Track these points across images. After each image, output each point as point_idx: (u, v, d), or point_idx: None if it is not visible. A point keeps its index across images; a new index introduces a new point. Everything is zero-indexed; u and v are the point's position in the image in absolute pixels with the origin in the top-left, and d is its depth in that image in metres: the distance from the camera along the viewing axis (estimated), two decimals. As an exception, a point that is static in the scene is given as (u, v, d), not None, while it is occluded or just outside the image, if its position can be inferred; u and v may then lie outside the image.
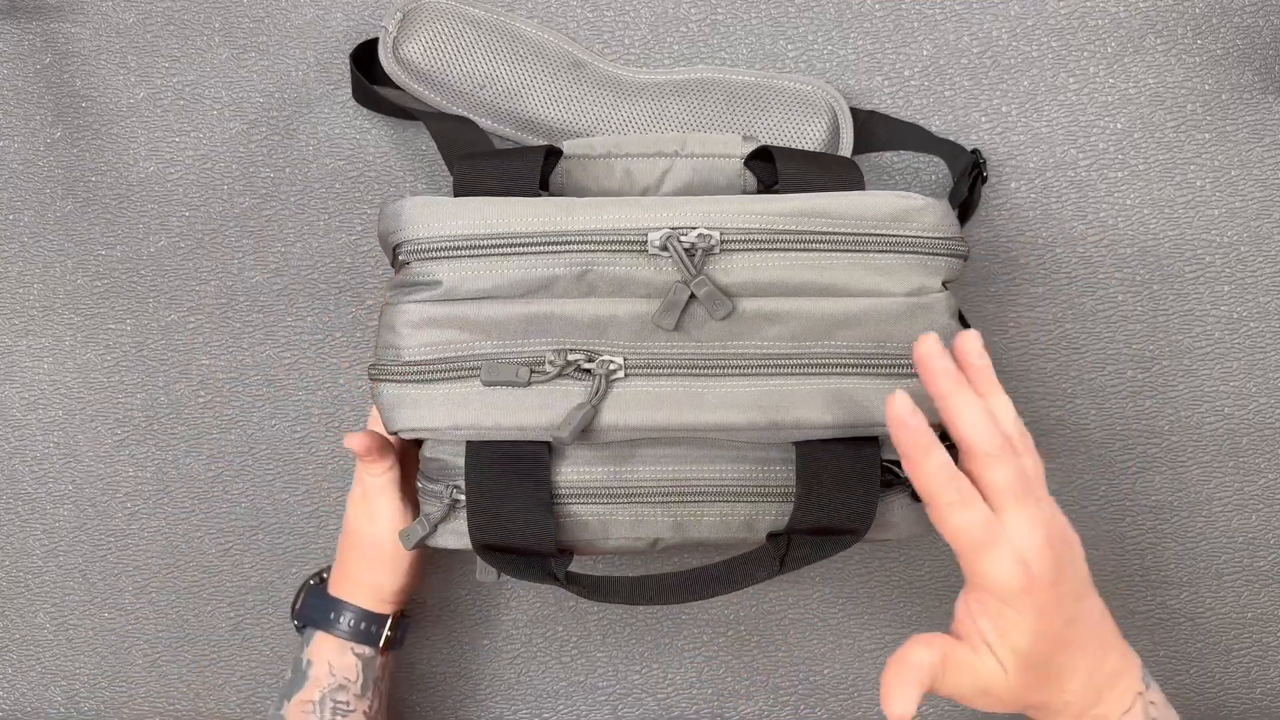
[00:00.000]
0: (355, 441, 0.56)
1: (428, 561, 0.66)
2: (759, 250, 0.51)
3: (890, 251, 0.52)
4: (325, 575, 0.64)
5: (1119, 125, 0.67)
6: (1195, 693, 0.70)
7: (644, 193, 0.57)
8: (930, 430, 0.43)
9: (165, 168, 0.68)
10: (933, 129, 0.67)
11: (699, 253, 0.51)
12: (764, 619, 0.69)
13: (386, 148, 0.67)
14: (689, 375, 0.51)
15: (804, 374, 0.52)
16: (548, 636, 0.70)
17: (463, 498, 0.53)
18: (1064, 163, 0.67)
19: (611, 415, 0.51)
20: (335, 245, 0.67)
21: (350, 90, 0.67)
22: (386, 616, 0.60)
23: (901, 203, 0.52)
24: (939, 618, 0.69)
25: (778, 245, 0.51)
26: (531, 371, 0.51)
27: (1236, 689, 0.70)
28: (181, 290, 0.68)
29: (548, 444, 0.53)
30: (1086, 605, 0.45)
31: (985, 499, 0.44)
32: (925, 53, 0.67)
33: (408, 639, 0.68)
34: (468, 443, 0.53)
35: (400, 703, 0.70)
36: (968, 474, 0.44)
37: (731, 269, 0.51)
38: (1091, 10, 0.66)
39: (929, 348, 0.44)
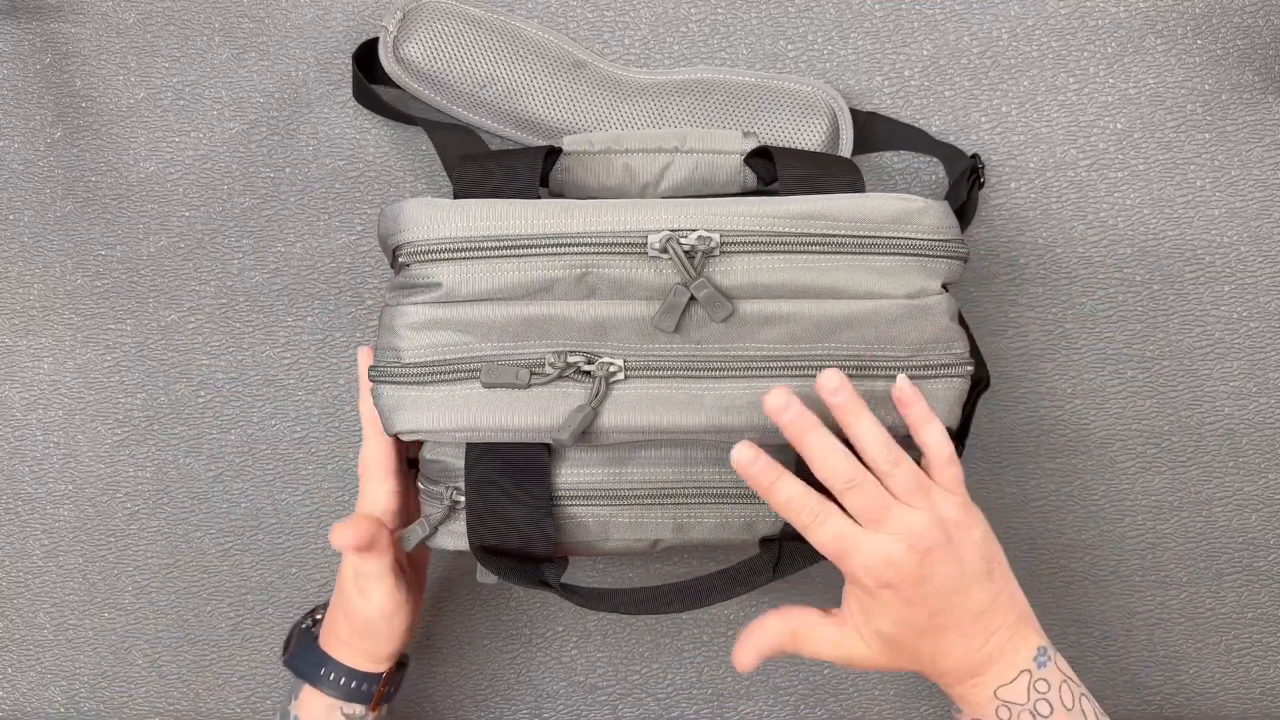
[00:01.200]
0: (342, 539, 0.52)
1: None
2: (759, 252, 0.51)
3: (890, 254, 0.52)
4: (319, 617, 0.61)
5: (1119, 125, 0.67)
6: (1195, 693, 0.70)
7: (644, 189, 0.57)
8: (775, 466, 0.49)
9: (165, 168, 0.68)
10: (933, 129, 0.67)
11: (699, 255, 0.51)
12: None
13: (386, 148, 0.67)
14: (689, 377, 0.52)
15: (804, 376, 0.52)
16: (548, 636, 0.70)
17: (462, 499, 0.53)
18: (1064, 163, 0.67)
19: (611, 417, 0.51)
20: (335, 245, 0.67)
21: (350, 90, 0.67)
22: (379, 675, 0.58)
23: (902, 205, 0.52)
24: (939, 618, 0.69)
25: (778, 247, 0.51)
26: (531, 373, 0.51)
27: (1236, 689, 0.70)
28: (181, 290, 0.68)
29: (547, 446, 0.53)
30: (965, 598, 0.49)
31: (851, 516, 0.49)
32: (925, 53, 0.67)
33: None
34: (467, 445, 0.53)
35: (403, 703, 0.70)
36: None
37: (731, 271, 0.51)
38: (1091, 10, 0.66)
39: (774, 403, 0.48)
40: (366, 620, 0.56)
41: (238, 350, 0.68)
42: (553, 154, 0.56)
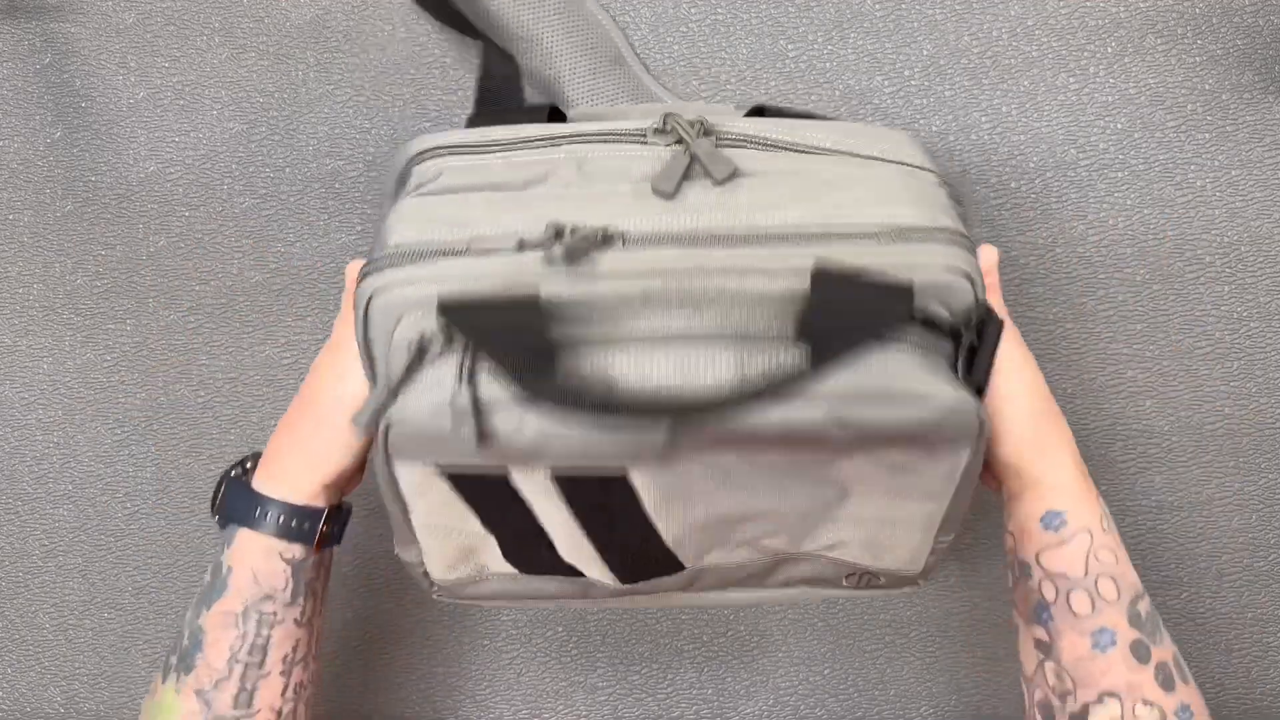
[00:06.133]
0: (356, 267, 0.53)
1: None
2: (754, 150, 0.53)
3: (880, 160, 0.53)
4: (249, 465, 0.56)
5: (1119, 125, 0.67)
6: (1195, 693, 0.70)
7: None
8: None
9: (165, 168, 0.68)
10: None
11: (699, 127, 0.52)
12: (764, 619, 0.70)
13: (386, 148, 0.67)
14: (693, 246, 0.49)
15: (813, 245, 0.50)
16: (548, 636, 0.70)
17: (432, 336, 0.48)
18: (1064, 163, 0.67)
19: (612, 262, 0.48)
20: (335, 245, 0.67)
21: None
22: (321, 510, 0.52)
23: (893, 134, 0.54)
24: (939, 618, 0.69)
25: (769, 147, 0.53)
26: (523, 241, 0.49)
27: (1236, 689, 0.70)
28: (181, 290, 0.68)
29: (537, 299, 0.47)
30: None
31: None
32: (925, 53, 0.67)
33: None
34: (448, 310, 0.46)
35: (402, 703, 0.70)
36: None
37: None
38: (1091, 10, 0.66)
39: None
40: (337, 406, 0.52)
41: (238, 350, 0.68)
42: (555, 115, 0.58)
